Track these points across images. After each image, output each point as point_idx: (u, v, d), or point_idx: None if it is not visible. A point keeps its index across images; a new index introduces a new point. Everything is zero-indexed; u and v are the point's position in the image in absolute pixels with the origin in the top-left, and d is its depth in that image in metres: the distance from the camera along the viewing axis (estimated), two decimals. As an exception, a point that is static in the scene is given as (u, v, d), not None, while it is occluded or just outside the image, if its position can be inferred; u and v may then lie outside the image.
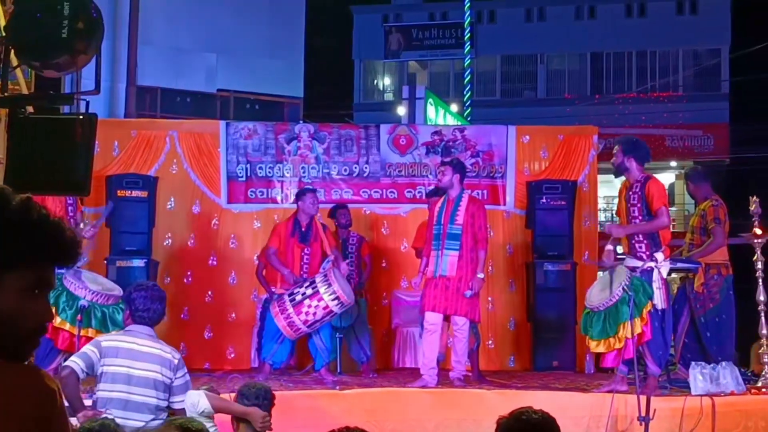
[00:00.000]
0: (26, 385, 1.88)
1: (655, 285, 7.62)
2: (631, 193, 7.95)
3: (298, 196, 9.48)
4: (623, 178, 8.18)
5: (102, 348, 5.45)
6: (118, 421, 4.69)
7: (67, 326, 7.46)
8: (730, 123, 29.21)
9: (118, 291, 7.78)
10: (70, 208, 8.18)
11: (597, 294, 7.74)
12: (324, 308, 8.59)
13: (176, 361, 5.57)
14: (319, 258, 9.13)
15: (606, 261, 7.92)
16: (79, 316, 7.46)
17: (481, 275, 8.40)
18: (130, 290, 5.91)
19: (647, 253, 7.81)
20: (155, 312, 5.69)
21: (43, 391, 1.90)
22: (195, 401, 5.22)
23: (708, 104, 28.76)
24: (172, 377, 5.52)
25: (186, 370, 5.67)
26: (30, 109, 5.91)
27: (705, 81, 30.78)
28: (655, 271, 7.71)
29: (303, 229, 9.19)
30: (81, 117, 5.51)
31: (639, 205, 7.87)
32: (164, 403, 5.51)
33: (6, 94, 5.79)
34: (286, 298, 8.71)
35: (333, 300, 8.57)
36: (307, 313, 8.59)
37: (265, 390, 5.15)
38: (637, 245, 7.86)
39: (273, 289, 9.28)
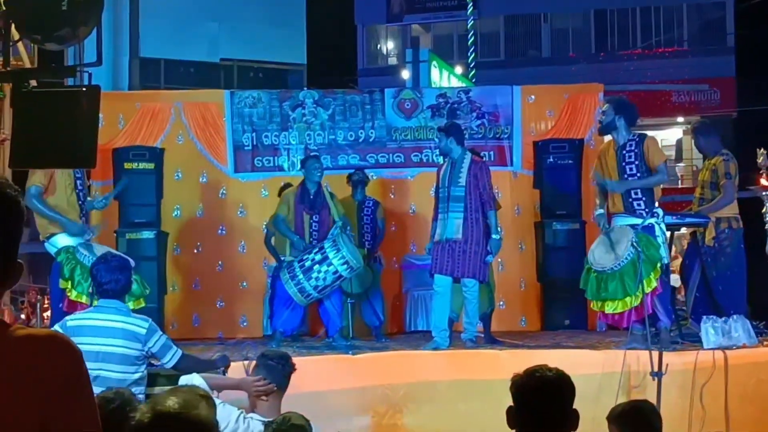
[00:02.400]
0: (55, 349, 1.91)
1: (659, 240, 7.63)
2: (625, 152, 7.92)
3: (302, 164, 9.49)
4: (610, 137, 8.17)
5: (67, 328, 5.50)
6: None
7: (84, 299, 7.49)
8: (736, 76, 29.00)
9: (130, 263, 7.79)
10: (78, 182, 8.17)
11: (603, 255, 7.70)
12: (334, 273, 8.63)
13: (144, 331, 5.59)
14: (328, 225, 9.15)
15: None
16: (91, 289, 7.48)
17: (496, 236, 8.39)
18: (91, 266, 5.93)
19: (646, 209, 7.80)
20: (118, 282, 5.71)
21: (71, 354, 1.93)
22: (189, 381, 5.22)
23: (713, 58, 28.54)
24: (143, 348, 5.55)
25: (160, 333, 5.70)
26: (34, 83, 5.91)
27: (710, 35, 30.52)
28: (656, 227, 7.71)
29: (311, 197, 9.19)
30: (84, 89, 5.50)
31: (636, 162, 7.85)
32: (135, 376, 5.54)
33: (8, 68, 5.78)
34: (296, 264, 8.74)
35: (342, 265, 8.60)
36: (317, 279, 8.62)
37: (286, 354, 5.16)
38: (635, 203, 7.85)
39: (282, 257, 9.31)
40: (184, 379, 5.23)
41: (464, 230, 8.31)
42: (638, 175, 7.85)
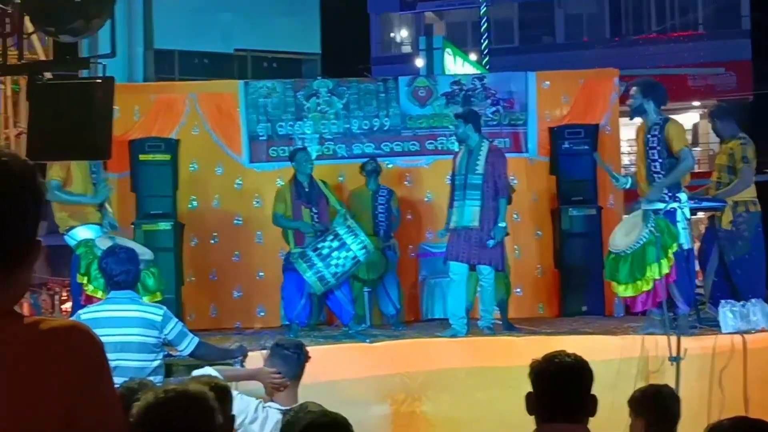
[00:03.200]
0: (77, 340, 1.90)
1: (679, 225, 7.60)
2: (649, 136, 7.90)
3: (291, 157, 9.51)
4: (639, 120, 8.13)
5: (82, 320, 5.49)
6: None
7: (100, 293, 7.51)
8: (752, 60, 28.83)
9: (148, 255, 7.82)
10: (94, 175, 8.21)
11: (621, 238, 7.70)
12: (352, 258, 8.66)
13: (159, 318, 5.60)
14: (327, 215, 9.18)
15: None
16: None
17: (502, 224, 8.40)
18: (100, 260, 5.95)
19: (669, 194, 7.77)
20: (130, 273, 5.73)
21: (94, 345, 1.93)
22: (203, 373, 5.24)
23: (729, 42, 28.37)
24: (160, 335, 5.57)
25: (175, 321, 5.72)
26: (48, 76, 5.92)
27: (725, 18, 30.34)
28: (679, 212, 7.67)
29: (306, 190, 9.22)
30: (99, 80, 5.51)
31: (658, 147, 7.82)
32: (153, 364, 5.56)
33: (23, 61, 5.80)
34: (311, 253, 8.73)
35: (361, 249, 8.64)
36: (336, 266, 8.64)
37: (300, 343, 5.17)
38: None
39: (292, 249, 9.29)
40: (199, 372, 5.25)
41: (481, 218, 8.31)
42: (660, 160, 7.82)
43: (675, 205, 7.69)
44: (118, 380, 5.13)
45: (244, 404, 4.61)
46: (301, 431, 3.42)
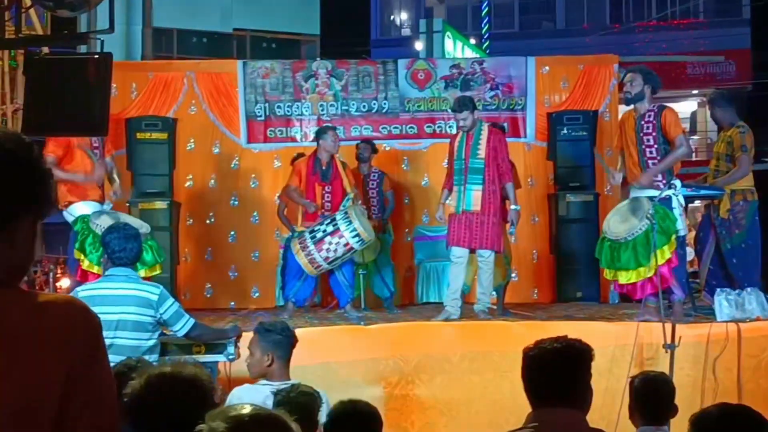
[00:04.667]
0: (75, 314, 1.90)
1: (676, 212, 7.58)
2: (643, 122, 7.87)
3: (319, 134, 9.41)
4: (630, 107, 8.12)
5: (79, 297, 5.47)
6: None
7: (95, 269, 7.51)
8: (752, 48, 28.78)
9: (145, 228, 7.79)
10: (96, 151, 8.19)
11: (618, 224, 7.67)
12: (345, 245, 8.62)
13: (156, 298, 5.58)
14: (340, 196, 9.13)
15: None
16: (104, 258, 7.49)
17: (516, 207, 8.41)
18: (103, 235, 5.94)
19: (663, 181, 7.77)
20: (131, 251, 5.71)
21: (90, 320, 1.92)
22: None
23: (729, 30, 28.29)
24: (156, 314, 5.55)
25: (172, 300, 5.69)
26: (46, 50, 5.88)
27: (725, 6, 30.27)
28: (674, 198, 7.66)
29: (323, 168, 9.17)
30: (96, 56, 5.47)
31: (654, 134, 7.80)
32: (149, 342, 5.55)
33: (21, 35, 5.76)
34: (307, 235, 8.73)
35: (354, 237, 8.59)
36: (328, 250, 8.62)
37: (286, 325, 5.16)
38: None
39: (294, 227, 9.30)
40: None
41: (483, 202, 8.31)
42: (655, 146, 7.80)
43: (669, 192, 7.67)
44: (113, 358, 5.14)
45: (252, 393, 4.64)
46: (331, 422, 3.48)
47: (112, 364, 4.65)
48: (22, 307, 1.85)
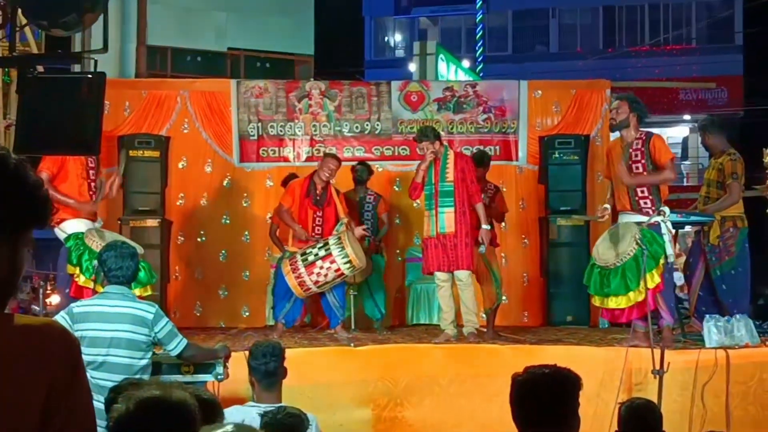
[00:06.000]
0: (53, 339, 1.90)
1: (665, 237, 7.60)
2: (632, 150, 7.90)
3: (323, 157, 9.44)
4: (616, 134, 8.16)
5: (74, 313, 5.50)
6: (92, 381, 4.70)
7: (92, 285, 7.50)
8: (744, 75, 28.93)
9: (139, 249, 7.79)
10: (91, 171, 8.20)
11: (607, 250, 7.68)
12: (336, 270, 8.60)
13: (151, 316, 5.57)
14: (332, 222, 9.14)
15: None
16: (95, 275, 7.48)
17: (487, 226, 8.47)
18: (100, 253, 5.94)
19: (652, 207, 7.79)
20: (128, 269, 5.70)
21: (70, 343, 1.93)
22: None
23: (721, 56, 28.45)
24: (150, 333, 5.54)
25: (166, 320, 5.67)
26: (40, 69, 5.89)
27: (718, 33, 30.45)
28: (663, 225, 7.68)
29: (318, 192, 9.16)
30: (90, 75, 5.48)
31: (643, 161, 7.83)
32: (142, 362, 5.53)
33: (15, 54, 5.77)
34: (299, 257, 8.71)
35: (345, 263, 8.58)
36: (318, 274, 8.61)
37: (273, 347, 5.12)
38: (641, 201, 7.85)
39: (286, 248, 9.30)
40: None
41: (456, 223, 8.41)
42: (644, 174, 7.83)
43: (658, 218, 7.69)
44: (106, 376, 5.15)
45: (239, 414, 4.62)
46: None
47: (106, 384, 4.65)
48: (1, 329, 1.85)
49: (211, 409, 3.42)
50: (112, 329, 5.46)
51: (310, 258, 8.64)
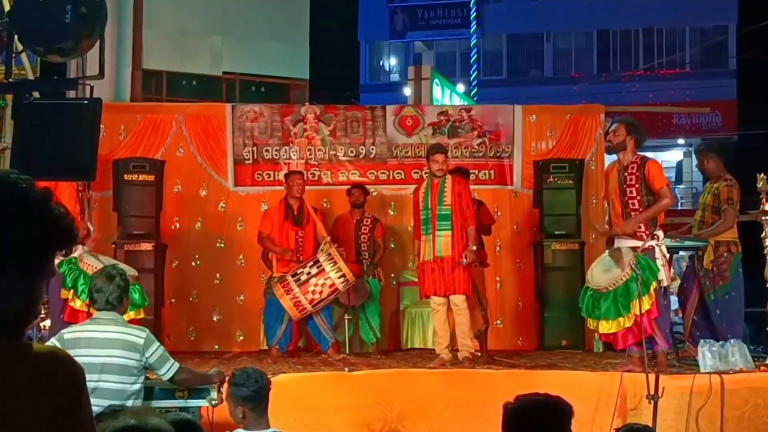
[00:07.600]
0: (58, 367, 1.90)
1: (659, 262, 7.61)
2: (626, 174, 7.90)
3: (286, 178, 9.53)
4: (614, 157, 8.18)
5: (65, 339, 5.48)
6: None
7: (86, 309, 7.49)
8: (738, 100, 29.06)
9: (133, 272, 7.80)
10: (80, 194, 8.21)
11: (600, 274, 7.69)
12: (330, 286, 8.66)
13: (142, 341, 5.54)
14: (312, 241, 9.21)
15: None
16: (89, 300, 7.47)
17: (472, 247, 8.53)
18: (94, 277, 5.94)
19: (647, 232, 7.79)
20: (112, 293, 5.65)
21: (75, 371, 1.93)
22: None
23: (715, 81, 28.58)
24: (141, 358, 5.52)
25: (157, 344, 5.64)
26: (36, 95, 5.91)
27: (712, 58, 30.63)
28: (657, 249, 7.69)
29: (295, 212, 9.24)
30: (86, 102, 5.50)
31: (637, 185, 7.83)
32: (134, 387, 5.51)
33: (11, 79, 5.79)
34: (290, 278, 8.74)
35: (339, 278, 8.63)
36: (313, 292, 8.65)
37: (255, 377, 5.01)
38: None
39: (272, 273, 9.32)
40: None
41: (453, 247, 8.43)
42: (638, 198, 7.82)
43: (652, 243, 7.70)
44: (98, 402, 5.13)
45: None
46: None
47: (98, 409, 4.63)
48: (6, 356, 1.85)
49: (190, 430, 3.41)
50: (103, 355, 5.44)
51: (303, 277, 8.69)
